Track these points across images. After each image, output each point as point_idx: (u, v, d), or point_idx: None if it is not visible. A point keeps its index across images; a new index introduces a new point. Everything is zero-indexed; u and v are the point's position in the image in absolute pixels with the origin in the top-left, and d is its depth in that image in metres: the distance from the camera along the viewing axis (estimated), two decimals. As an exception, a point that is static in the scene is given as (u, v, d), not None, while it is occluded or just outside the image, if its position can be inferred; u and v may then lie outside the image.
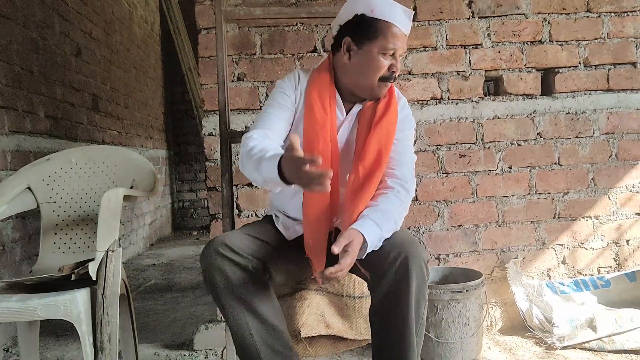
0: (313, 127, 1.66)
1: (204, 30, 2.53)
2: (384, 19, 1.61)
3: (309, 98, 1.68)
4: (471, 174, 2.66)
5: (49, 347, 2.71)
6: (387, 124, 1.68)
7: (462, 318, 2.34)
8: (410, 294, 1.48)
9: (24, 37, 3.20)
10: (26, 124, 3.15)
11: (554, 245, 2.72)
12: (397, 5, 1.63)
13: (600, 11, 2.69)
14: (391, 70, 1.65)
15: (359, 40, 1.64)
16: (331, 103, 1.69)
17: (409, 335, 1.51)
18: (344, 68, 1.70)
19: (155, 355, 2.56)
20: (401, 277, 1.48)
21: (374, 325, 1.59)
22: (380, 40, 1.61)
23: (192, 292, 3.76)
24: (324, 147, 1.64)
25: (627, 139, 2.74)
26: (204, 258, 1.53)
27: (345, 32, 1.68)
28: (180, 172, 7.29)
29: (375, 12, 1.61)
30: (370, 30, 1.62)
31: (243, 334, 1.54)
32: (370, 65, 1.64)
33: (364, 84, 1.68)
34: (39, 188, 2.18)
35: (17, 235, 2.94)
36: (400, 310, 1.50)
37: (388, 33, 1.61)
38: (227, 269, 1.50)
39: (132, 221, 5.28)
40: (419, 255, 1.50)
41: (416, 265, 1.48)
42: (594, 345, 2.37)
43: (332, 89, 1.71)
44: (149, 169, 2.22)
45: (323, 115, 1.66)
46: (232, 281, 1.51)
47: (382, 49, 1.62)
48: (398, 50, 1.64)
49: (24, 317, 1.66)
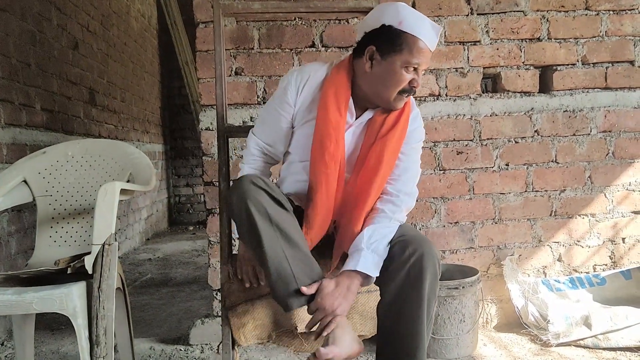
0: (327, 127, 1.64)
1: (202, 24, 2.52)
2: (411, 33, 1.57)
3: (325, 97, 1.66)
4: (468, 170, 2.66)
5: (45, 341, 2.70)
6: (394, 137, 1.67)
7: (458, 314, 2.35)
8: (423, 291, 1.50)
9: (21, 29, 3.19)
10: (22, 117, 3.14)
11: (550, 242, 2.73)
12: (425, 20, 1.60)
13: (599, 9, 2.69)
14: (412, 85, 1.63)
15: (383, 50, 1.61)
16: (346, 105, 1.68)
17: (420, 331, 1.52)
18: (364, 75, 1.67)
19: (151, 349, 2.56)
20: (416, 274, 1.50)
21: (384, 320, 1.59)
22: (405, 54, 1.58)
23: (188, 286, 3.76)
24: (335, 149, 1.63)
25: (624, 137, 2.74)
26: (238, 189, 1.53)
27: (370, 40, 1.65)
28: (176, 166, 7.28)
29: (403, 24, 1.58)
30: (396, 42, 1.59)
31: (280, 260, 1.52)
32: (391, 77, 1.62)
33: (383, 94, 1.66)
34: (35, 181, 2.17)
35: (12, 228, 2.93)
36: (413, 306, 1.52)
37: (414, 48, 1.58)
38: (263, 199, 1.52)
39: (128, 216, 5.27)
40: (434, 254, 1.53)
41: (431, 263, 1.51)
42: (589, 343, 2.38)
43: (347, 91, 1.69)
44: (146, 162, 2.21)
45: (337, 117, 1.65)
46: (268, 209, 1.51)
47: (405, 62, 1.59)
48: (421, 65, 1.61)
49: (20, 310, 1.66)
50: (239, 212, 1.53)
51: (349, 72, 1.70)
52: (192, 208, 7.27)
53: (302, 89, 1.72)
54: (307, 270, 1.56)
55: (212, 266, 2.55)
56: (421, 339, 1.53)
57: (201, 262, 4.57)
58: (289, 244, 1.53)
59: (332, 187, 1.65)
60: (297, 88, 1.72)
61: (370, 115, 1.73)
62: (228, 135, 2.01)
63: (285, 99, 1.72)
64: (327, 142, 1.63)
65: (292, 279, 1.53)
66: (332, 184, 1.65)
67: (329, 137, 1.63)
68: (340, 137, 1.65)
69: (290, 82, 1.72)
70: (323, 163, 1.63)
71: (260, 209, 1.51)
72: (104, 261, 1.71)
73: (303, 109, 1.73)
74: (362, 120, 1.74)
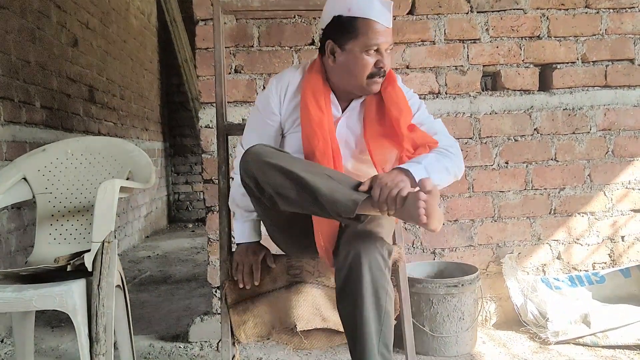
0: (311, 126, 1.65)
1: (202, 22, 2.52)
2: (362, 17, 1.59)
3: (304, 98, 1.68)
4: (468, 168, 2.66)
5: (44, 338, 2.70)
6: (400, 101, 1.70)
7: (457, 312, 2.35)
8: (362, 289, 1.49)
9: (21, 26, 3.18)
10: (22, 114, 3.14)
11: (550, 240, 2.73)
12: (373, 0, 1.60)
13: (599, 7, 2.69)
14: (378, 66, 1.64)
15: (340, 42, 1.63)
16: (326, 102, 1.69)
17: (364, 326, 1.50)
18: (332, 70, 1.70)
19: (151, 346, 2.56)
20: (355, 273, 1.50)
21: (341, 318, 1.61)
22: (361, 38, 1.60)
23: (187, 284, 3.76)
24: (324, 145, 1.64)
25: (623, 135, 2.74)
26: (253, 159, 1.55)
27: (327, 35, 1.68)
28: (176, 164, 7.27)
29: (352, 10, 1.59)
30: (349, 30, 1.60)
31: (323, 178, 1.50)
32: (355, 65, 1.63)
33: (354, 83, 1.68)
34: (35, 178, 2.17)
35: (12, 225, 2.93)
36: (352, 303, 1.51)
37: (368, 30, 1.59)
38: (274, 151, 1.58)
39: (127, 213, 5.27)
40: (371, 249, 1.51)
41: (367, 259, 1.49)
42: (587, 341, 2.38)
43: (326, 88, 1.71)
44: (146, 160, 2.21)
45: (319, 114, 1.66)
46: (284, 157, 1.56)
47: (364, 46, 1.60)
48: (382, 45, 1.62)
49: (19, 307, 1.66)
50: (267, 170, 1.52)
51: (322, 71, 1.73)
52: (192, 205, 7.26)
53: (285, 96, 1.74)
54: (348, 178, 1.56)
55: (211, 264, 2.55)
56: (366, 333, 1.49)
57: (200, 260, 4.57)
58: (319, 167, 1.55)
59: None
60: (280, 97, 1.74)
61: (359, 101, 1.75)
62: (227, 132, 2.01)
63: (270, 109, 1.75)
64: (314, 141, 1.65)
65: (345, 184, 1.51)
66: None
67: (315, 136, 1.65)
68: (327, 133, 1.66)
69: (272, 91, 1.75)
70: (315, 161, 1.64)
71: (282, 158, 1.53)
72: (104, 259, 1.71)
73: (290, 114, 1.75)
74: (351, 108, 1.75)
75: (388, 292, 1.53)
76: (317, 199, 1.48)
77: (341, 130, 1.74)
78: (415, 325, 2.29)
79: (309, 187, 1.48)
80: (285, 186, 1.51)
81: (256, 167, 1.53)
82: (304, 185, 1.49)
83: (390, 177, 1.49)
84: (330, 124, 1.68)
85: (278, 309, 1.81)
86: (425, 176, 1.50)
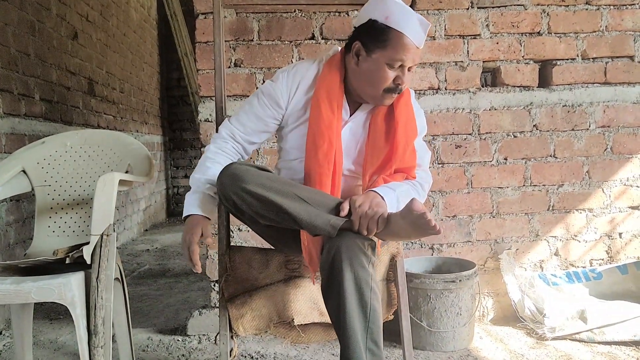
0: (319, 127, 1.64)
1: (202, 15, 2.51)
2: (396, 29, 1.56)
3: (317, 96, 1.66)
4: (467, 164, 2.66)
5: (43, 331, 2.71)
6: (409, 121, 1.72)
7: (455, 308, 2.36)
8: (344, 285, 1.48)
9: (20, 18, 3.18)
10: (21, 107, 3.13)
11: (547, 237, 2.74)
12: (413, 15, 1.57)
13: (600, 4, 2.69)
14: (397, 83, 1.62)
15: (368, 46, 1.60)
16: (338, 104, 1.67)
17: (347, 321, 1.48)
18: (352, 71, 1.68)
19: (149, 339, 2.57)
20: (335, 271, 1.50)
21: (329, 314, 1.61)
22: (389, 50, 1.57)
23: (186, 277, 3.77)
24: (329, 148, 1.64)
25: (622, 132, 2.75)
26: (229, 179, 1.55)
27: (357, 35, 1.65)
28: (175, 158, 7.27)
29: (389, 20, 1.56)
30: (380, 38, 1.57)
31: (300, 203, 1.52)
32: (376, 74, 1.61)
33: (368, 92, 1.66)
34: (34, 171, 2.17)
35: (11, 218, 2.94)
36: (336, 300, 1.50)
37: (398, 44, 1.56)
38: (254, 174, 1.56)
39: (126, 207, 5.27)
40: (352, 246, 1.51)
41: (349, 256, 1.49)
42: (584, 337, 2.39)
43: (340, 89, 1.69)
44: (145, 153, 2.21)
45: (330, 115, 1.65)
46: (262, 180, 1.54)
47: (390, 59, 1.58)
48: (407, 63, 1.59)
49: (18, 299, 1.66)
50: (241, 198, 1.53)
51: (341, 69, 1.70)
52: (191, 199, 7.26)
53: (295, 92, 1.72)
54: (326, 199, 1.57)
55: (210, 257, 2.55)
56: (352, 331, 1.48)
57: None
58: (296, 189, 1.54)
59: (327, 184, 1.65)
60: (290, 91, 1.72)
61: (368, 108, 1.74)
62: (227, 127, 2.01)
63: (276, 100, 1.73)
64: (319, 141, 1.64)
65: (322, 207, 1.54)
66: (326, 182, 1.65)
67: (321, 136, 1.64)
68: (334, 135, 1.65)
69: (282, 84, 1.73)
70: (316, 161, 1.64)
71: (258, 182, 1.52)
72: (103, 251, 1.71)
73: (297, 110, 1.73)
74: (358, 114, 1.74)
75: (372, 287, 1.51)
76: (296, 222, 1.52)
77: (345, 134, 1.72)
78: (413, 320, 2.30)
79: (287, 213, 1.52)
80: (264, 209, 1.53)
81: (233, 191, 1.53)
82: (282, 211, 1.52)
83: (368, 202, 1.54)
84: (339, 127, 1.68)
85: (276, 303, 1.81)
86: (395, 204, 1.58)
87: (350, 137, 1.74)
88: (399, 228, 1.51)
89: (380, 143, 1.70)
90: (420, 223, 1.44)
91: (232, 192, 1.53)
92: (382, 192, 1.60)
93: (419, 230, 1.47)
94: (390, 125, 1.70)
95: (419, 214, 1.43)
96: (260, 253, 1.87)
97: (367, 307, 1.49)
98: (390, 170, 1.68)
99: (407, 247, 2.65)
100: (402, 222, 1.49)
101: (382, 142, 1.70)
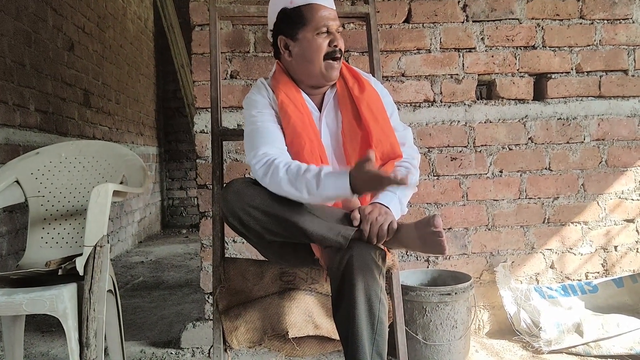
0: (293, 128, 1.65)
1: (198, 27, 2.52)
2: (304, 4, 1.66)
3: (281, 103, 1.69)
4: (462, 177, 2.67)
5: (34, 343, 2.68)
6: (370, 93, 1.74)
7: (450, 321, 2.35)
8: (355, 295, 1.49)
9: (16, 29, 3.18)
10: (16, 117, 3.13)
11: (543, 249, 2.73)
12: None
13: (594, 18, 2.71)
14: (333, 45, 1.68)
15: (291, 34, 1.69)
16: (302, 101, 1.71)
17: (357, 332, 1.49)
18: (291, 66, 1.73)
19: (142, 352, 2.55)
20: (347, 280, 1.50)
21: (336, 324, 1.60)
22: (310, 23, 1.66)
23: (180, 290, 3.75)
24: (310, 145, 1.64)
25: (617, 145, 2.76)
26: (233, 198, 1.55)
27: (277, 33, 1.73)
28: (170, 169, 7.27)
29: (294, 1, 1.67)
30: (296, 20, 1.66)
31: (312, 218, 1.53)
32: (310, 49, 1.67)
33: (313, 70, 1.70)
34: (28, 182, 2.16)
35: (4, 229, 2.92)
36: (346, 309, 1.51)
37: (314, 15, 1.66)
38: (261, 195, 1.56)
39: (121, 218, 5.25)
40: (364, 255, 1.51)
41: (361, 264, 1.50)
42: (580, 350, 2.38)
43: (296, 88, 1.74)
44: (139, 165, 2.20)
45: (299, 114, 1.67)
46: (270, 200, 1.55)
47: (315, 30, 1.66)
48: (331, 26, 1.67)
49: (9, 311, 1.65)
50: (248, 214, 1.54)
51: (286, 72, 1.76)
52: (186, 211, 7.25)
53: (269, 96, 1.74)
54: (333, 210, 1.59)
55: (204, 269, 2.54)
56: (360, 339, 1.48)
57: (193, 265, 4.55)
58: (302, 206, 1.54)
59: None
60: (267, 95, 1.74)
61: (331, 94, 1.76)
62: (222, 138, 2.01)
63: (265, 103, 1.72)
64: (301, 142, 1.64)
65: (330, 218, 1.55)
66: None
67: (299, 137, 1.64)
68: (311, 132, 1.66)
69: (261, 93, 1.74)
70: (303, 162, 1.61)
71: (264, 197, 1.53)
72: (96, 263, 1.70)
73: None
74: (327, 102, 1.76)
75: (382, 300, 1.53)
76: (306, 235, 1.53)
77: (324, 131, 1.75)
78: (408, 333, 2.29)
79: (296, 227, 1.53)
80: (272, 224, 1.54)
81: (239, 207, 1.54)
82: (290, 225, 1.53)
83: (377, 210, 1.56)
84: (311, 121, 1.70)
85: (270, 315, 1.80)
86: (398, 207, 1.61)
87: (328, 133, 1.76)
88: (408, 238, 1.53)
89: (353, 128, 1.71)
90: (432, 239, 1.47)
91: (238, 209, 1.54)
92: (385, 201, 1.61)
93: (428, 246, 1.49)
94: (355, 107, 1.73)
95: (436, 230, 1.46)
96: (254, 265, 1.86)
97: (375, 319, 1.51)
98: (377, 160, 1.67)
99: (402, 260, 2.64)
100: (413, 233, 1.51)
101: (355, 127, 1.71)
